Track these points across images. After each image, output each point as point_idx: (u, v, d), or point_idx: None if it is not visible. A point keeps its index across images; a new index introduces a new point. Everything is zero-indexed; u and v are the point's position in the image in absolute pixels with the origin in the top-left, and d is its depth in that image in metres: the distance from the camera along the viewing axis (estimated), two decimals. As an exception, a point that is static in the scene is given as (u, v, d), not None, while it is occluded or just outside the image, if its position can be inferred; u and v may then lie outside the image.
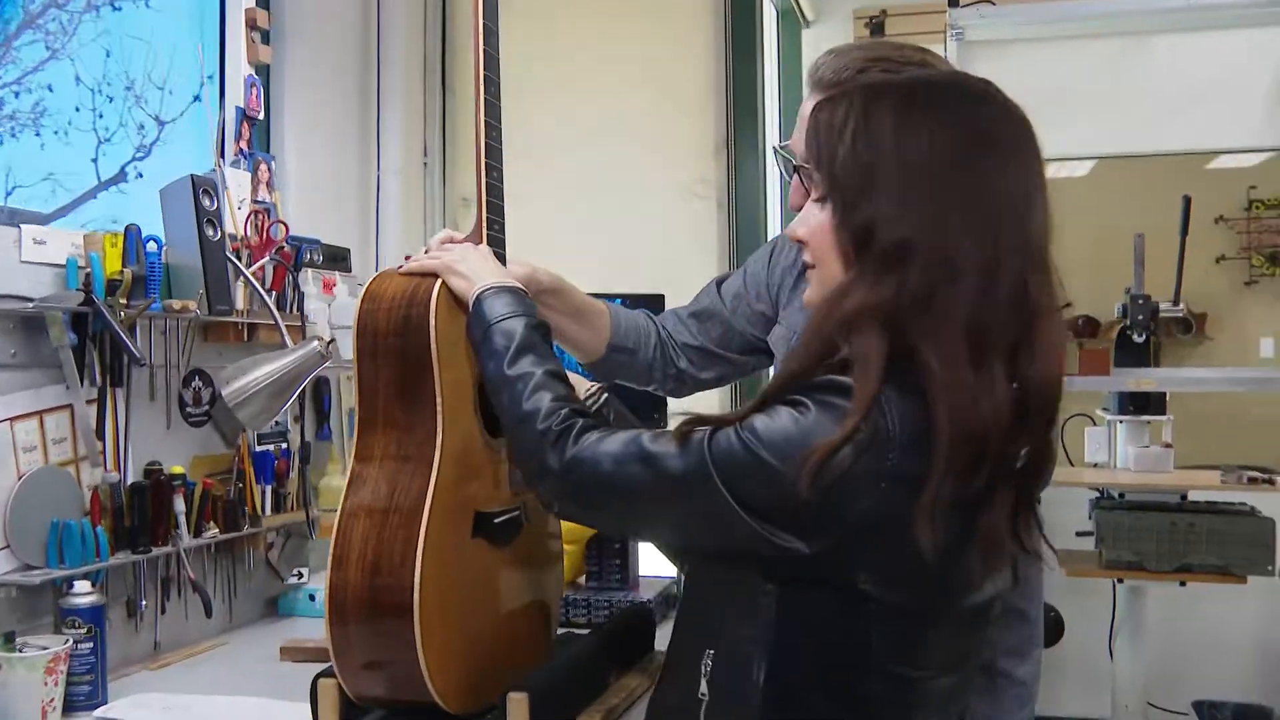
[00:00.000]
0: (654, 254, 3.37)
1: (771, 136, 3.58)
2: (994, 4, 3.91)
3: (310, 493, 2.17)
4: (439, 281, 1.34)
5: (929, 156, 1.01)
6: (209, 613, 1.86)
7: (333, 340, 1.96)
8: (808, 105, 1.44)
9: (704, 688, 1.07)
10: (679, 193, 3.47)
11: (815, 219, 1.07)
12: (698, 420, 1.05)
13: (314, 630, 1.99)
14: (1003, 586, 1.08)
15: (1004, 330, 0.98)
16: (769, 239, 3.78)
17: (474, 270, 1.34)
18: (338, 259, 2.40)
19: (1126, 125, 4.00)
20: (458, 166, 3.57)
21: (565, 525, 2.14)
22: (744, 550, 1.01)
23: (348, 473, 1.35)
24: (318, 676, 1.35)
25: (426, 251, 1.44)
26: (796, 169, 1.40)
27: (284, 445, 2.15)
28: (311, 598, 2.12)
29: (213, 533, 1.88)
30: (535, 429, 1.13)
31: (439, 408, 1.32)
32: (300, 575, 2.14)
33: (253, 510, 1.99)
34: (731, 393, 3.08)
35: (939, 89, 1.07)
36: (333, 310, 2.29)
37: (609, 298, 2.49)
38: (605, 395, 1.45)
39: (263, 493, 2.03)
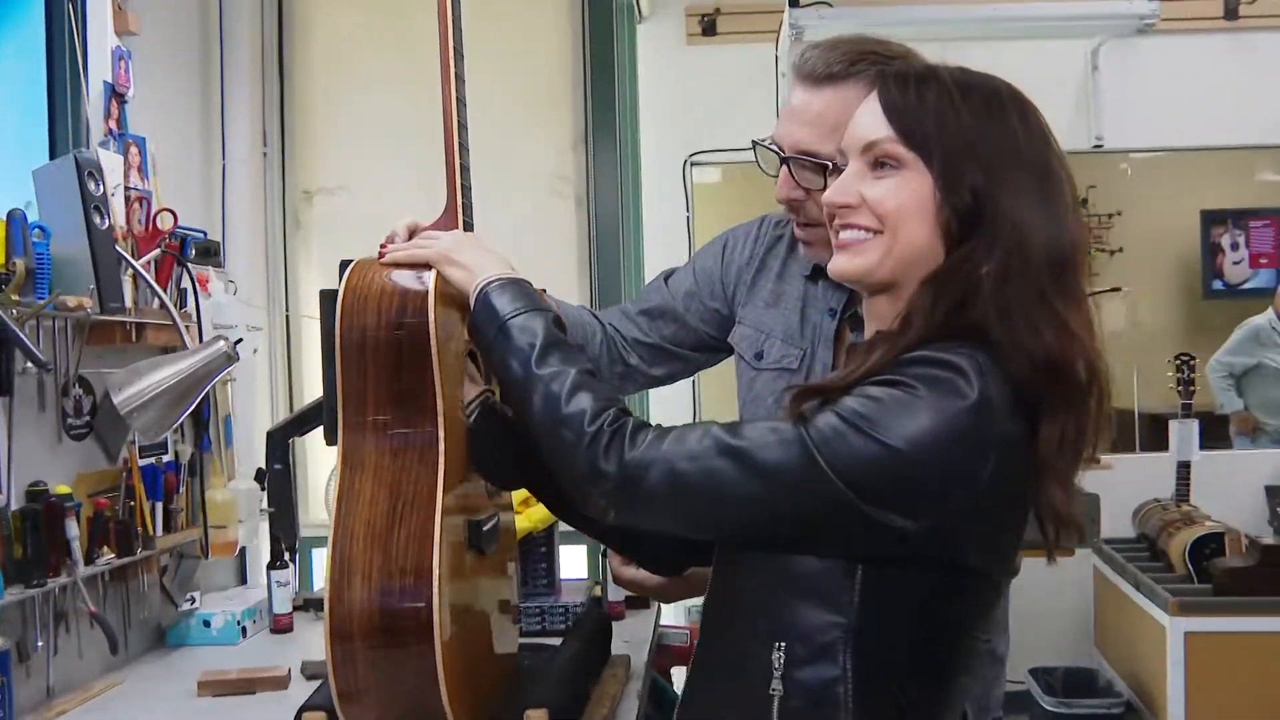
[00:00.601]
0: (512, 251, 3.25)
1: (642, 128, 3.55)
2: (831, 5, 4.03)
3: (198, 509, 1.98)
4: (434, 272, 1.24)
5: (1023, 144, 1.06)
6: (114, 649, 1.67)
7: (240, 340, 1.79)
8: (805, 96, 1.39)
9: (776, 684, 1.03)
10: (537, 189, 3.39)
11: (897, 190, 1.06)
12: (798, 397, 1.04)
13: (214, 659, 1.83)
14: None
15: (1067, 304, 1.03)
16: (628, 235, 3.80)
17: (474, 260, 1.24)
18: (210, 253, 2.19)
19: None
20: (297, 158, 3.38)
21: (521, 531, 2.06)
22: (839, 536, 1.00)
23: (335, 483, 1.22)
24: (302, 710, 1.22)
25: (392, 239, 1.33)
26: (786, 160, 1.40)
27: (166, 458, 1.95)
28: (206, 624, 1.94)
29: (107, 558, 1.69)
30: (583, 431, 1.06)
31: (440, 408, 1.22)
32: (193, 600, 1.94)
33: (145, 531, 1.79)
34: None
35: (1010, 89, 1.10)
36: (212, 309, 2.09)
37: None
38: (489, 399, 1.35)
39: (153, 510, 1.83)
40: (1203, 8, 4.29)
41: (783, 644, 1.03)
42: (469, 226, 1.38)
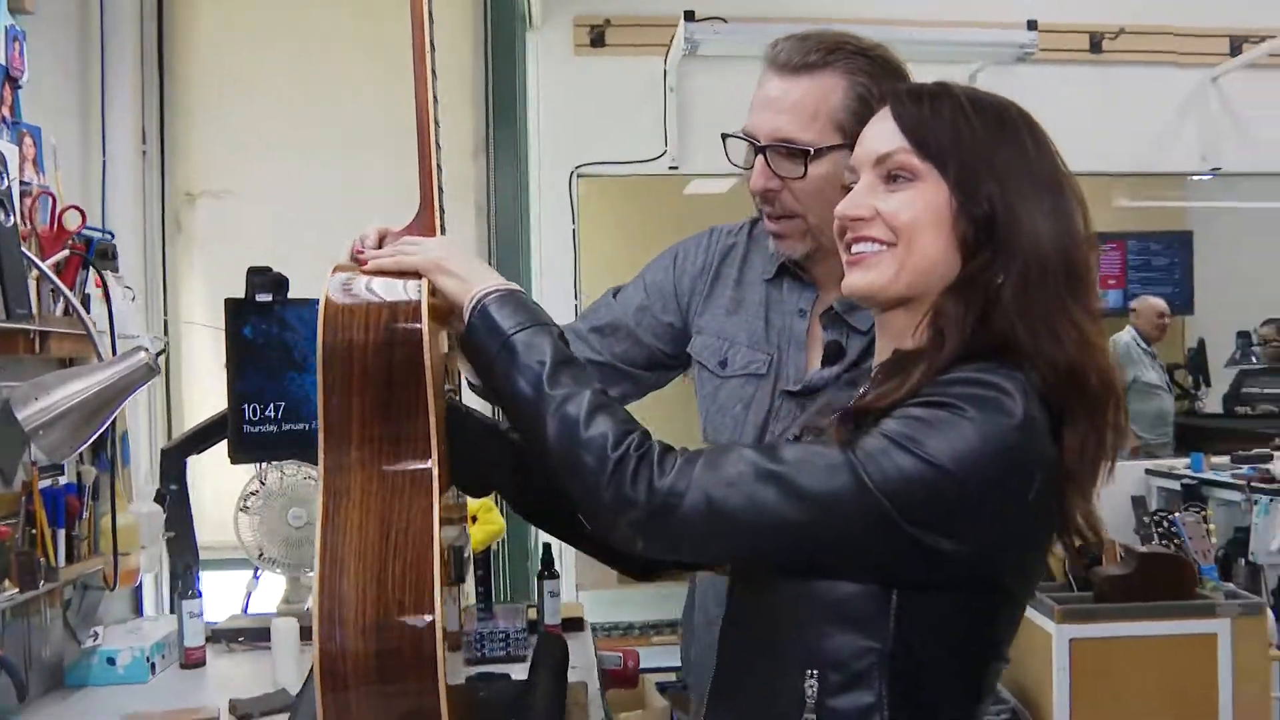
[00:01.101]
0: (408, 259, 3.17)
1: (531, 138, 3.47)
2: (726, 21, 4.03)
3: (99, 535, 1.81)
4: (424, 282, 1.15)
5: (1034, 159, 1.07)
6: (23, 695, 1.50)
7: (162, 352, 1.65)
8: (782, 85, 1.38)
9: (810, 714, 0.99)
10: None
11: (913, 202, 1.05)
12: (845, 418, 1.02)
13: (122, 700, 1.68)
14: None
15: (1084, 315, 1.04)
16: (529, 242, 3.72)
17: (466, 269, 1.16)
18: (107, 256, 2.03)
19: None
20: (179, 158, 3.19)
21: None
22: (880, 560, 0.98)
23: (319, 510, 1.12)
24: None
25: (364, 245, 1.24)
26: (763, 149, 1.37)
27: (63, 479, 1.78)
28: (111, 661, 1.77)
29: (10, 593, 1.52)
30: (606, 457, 1.00)
31: (432, 429, 1.13)
32: (96, 636, 1.78)
33: (48, 561, 1.63)
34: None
35: (1019, 108, 1.11)
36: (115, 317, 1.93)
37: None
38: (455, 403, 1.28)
39: (54, 538, 1.67)
40: (1072, 40, 4.48)
41: (815, 672, 1.00)
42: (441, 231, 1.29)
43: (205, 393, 2.96)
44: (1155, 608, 3.28)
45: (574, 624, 2.09)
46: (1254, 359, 4.66)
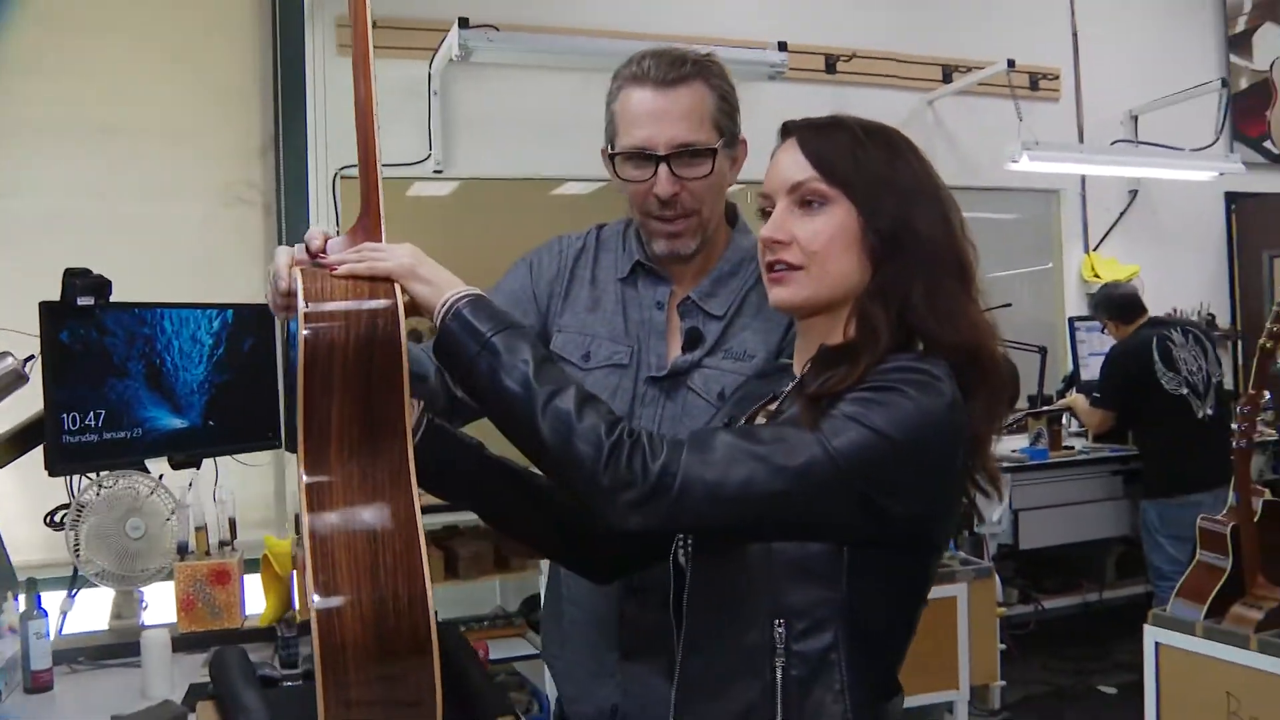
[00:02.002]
0: (191, 259, 3.07)
1: (319, 138, 3.41)
2: (499, 29, 4.11)
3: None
4: (398, 287, 1.20)
5: (920, 176, 1.24)
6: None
7: (31, 358, 1.57)
8: (666, 98, 1.50)
9: (780, 656, 1.15)
10: (220, 194, 3.19)
11: (825, 227, 1.21)
12: (810, 402, 1.15)
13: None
14: None
15: (974, 306, 1.23)
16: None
17: (436, 276, 1.22)
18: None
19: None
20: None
21: (285, 560, 1.95)
22: (846, 524, 1.13)
23: (301, 504, 1.15)
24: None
25: (312, 249, 1.26)
26: (665, 159, 1.50)
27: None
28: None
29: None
30: (602, 443, 1.11)
31: (409, 426, 1.19)
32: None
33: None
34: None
35: (900, 133, 1.28)
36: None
37: (172, 308, 2.28)
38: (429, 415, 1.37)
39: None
40: (811, 60, 4.87)
41: (782, 621, 1.16)
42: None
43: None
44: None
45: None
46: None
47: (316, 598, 1.10)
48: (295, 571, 1.99)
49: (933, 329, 1.18)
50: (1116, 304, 4.41)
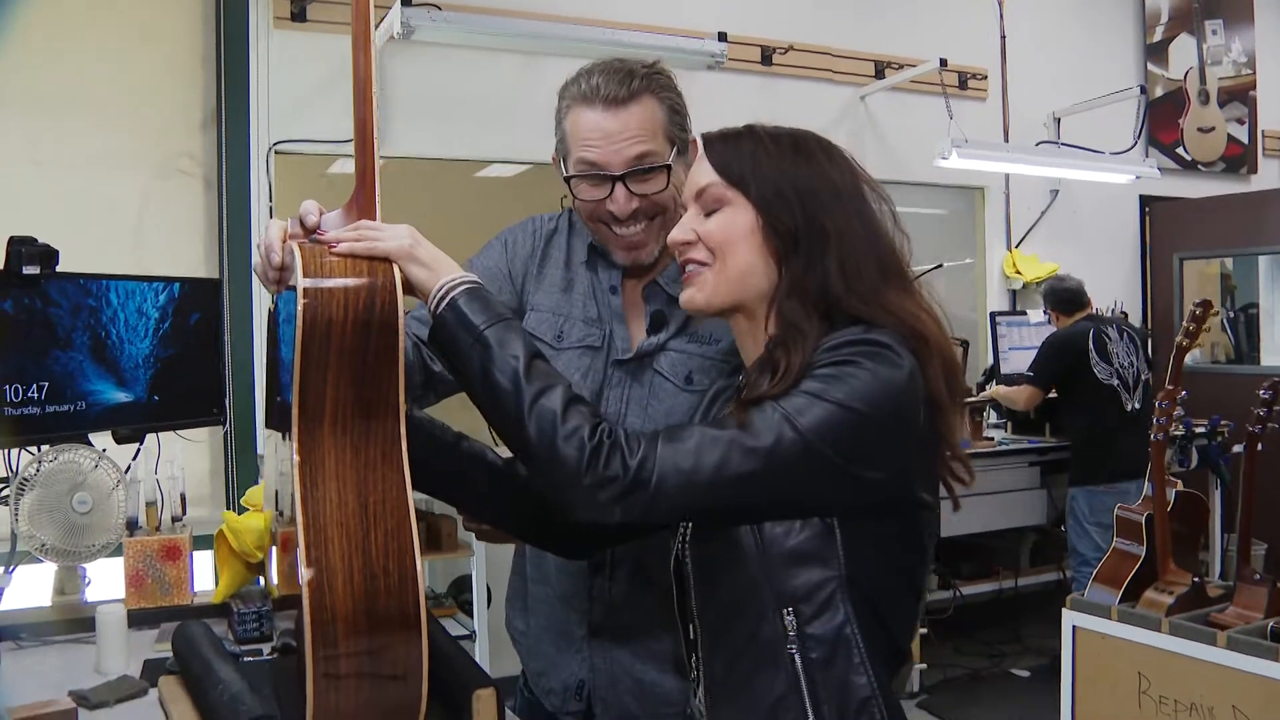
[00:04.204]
0: (129, 231, 3.01)
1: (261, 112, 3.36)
2: (440, 9, 4.09)
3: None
4: (396, 268, 1.21)
5: (831, 175, 1.27)
6: None
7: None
8: (619, 119, 1.52)
9: (794, 643, 1.19)
10: (160, 167, 3.13)
11: (725, 224, 1.27)
12: (740, 404, 1.19)
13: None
14: None
15: (902, 295, 1.26)
16: (260, 217, 3.57)
17: (433, 259, 1.24)
18: None
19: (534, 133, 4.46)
20: None
21: (250, 536, 1.95)
22: (825, 496, 1.17)
23: (294, 480, 1.16)
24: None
25: (306, 223, 1.26)
26: (621, 178, 1.52)
27: None
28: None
29: None
30: (585, 444, 1.13)
31: (401, 407, 1.20)
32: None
33: None
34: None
35: (815, 136, 1.32)
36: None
37: (119, 279, 2.25)
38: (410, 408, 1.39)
39: None
40: (747, 52, 4.93)
41: (790, 609, 1.19)
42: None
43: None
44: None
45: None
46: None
47: (308, 572, 1.12)
48: (274, 548, 1.98)
49: (865, 313, 1.21)
50: (1061, 296, 4.63)
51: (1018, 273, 5.54)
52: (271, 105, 4.01)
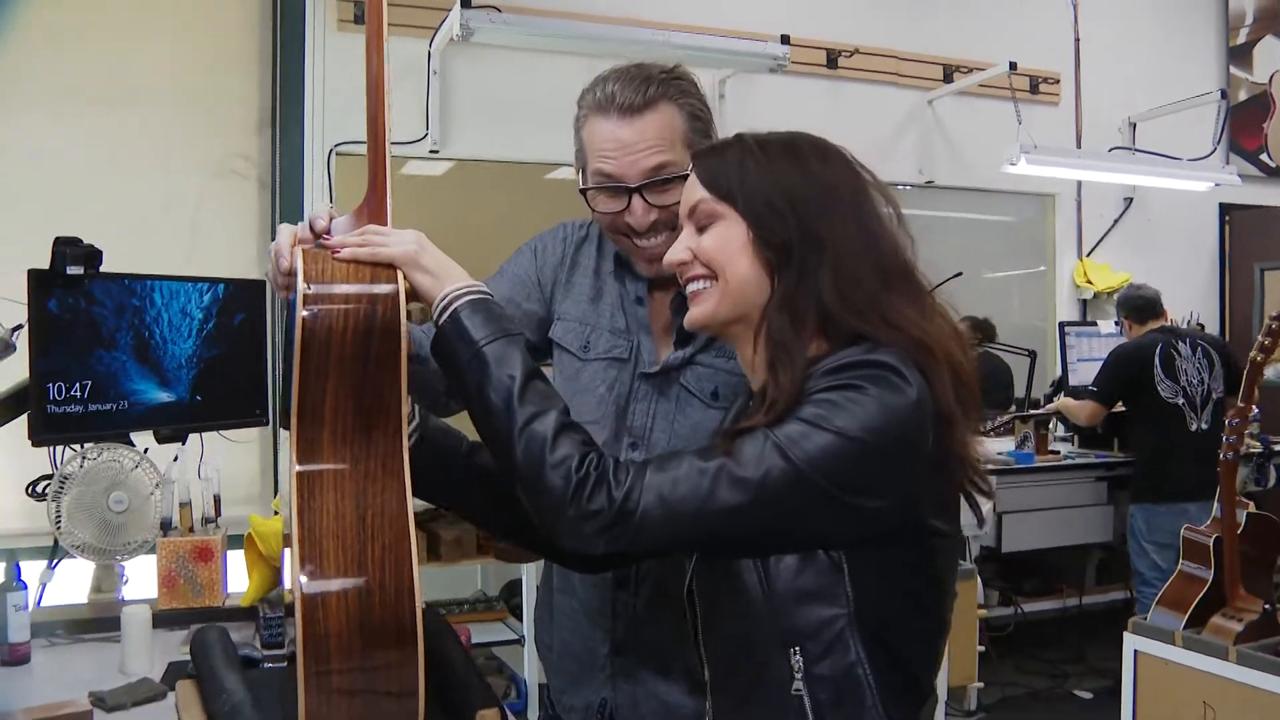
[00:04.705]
0: (183, 231, 3.04)
1: (317, 114, 3.38)
2: (500, 10, 4.08)
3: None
4: (400, 275, 1.18)
5: (827, 180, 1.20)
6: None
7: (19, 327, 1.55)
8: (634, 128, 1.47)
9: (799, 684, 1.12)
10: (215, 167, 3.15)
11: (718, 240, 1.21)
12: (729, 433, 1.13)
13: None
14: None
15: (909, 303, 1.19)
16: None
17: (439, 267, 1.20)
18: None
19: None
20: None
21: (275, 540, 1.94)
22: (821, 528, 1.11)
23: (291, 490, 1.13)
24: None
25: (315, 229, 1.24)
26: (639, 189, 1.46)
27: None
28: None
29: None
30: (571, 476, 1.09)
31: (404, 417, 1.17)
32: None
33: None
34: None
35: (809, 138, 1.25)
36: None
37: (163, 280, 2.25)
38: (427, 420, 1.35)
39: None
40: (812, 55, 4.85)
41: (797, 648, 1.13)
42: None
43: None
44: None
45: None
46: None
47: (302, 585, 1.09)
48: (288, 550, 1.97)
49: (863, 329, 1.15)
50: (1133, 303, 4.48)
51: (1089, 282, 5.38)
52: (333, 107, 4.04)
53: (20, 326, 1.59)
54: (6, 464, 2.29)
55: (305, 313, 1.13)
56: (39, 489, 2.15)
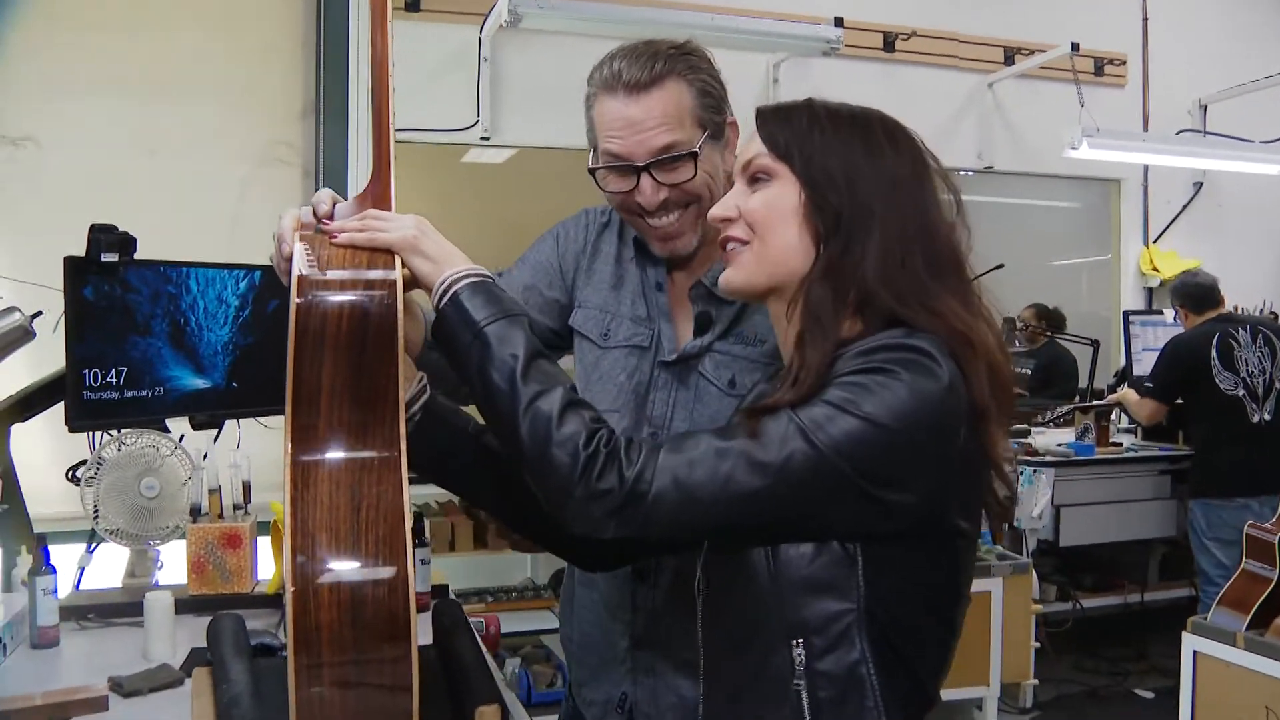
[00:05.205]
0: (225, 219, 3.06)
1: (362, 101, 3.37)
2: (550, -5, 4.05)
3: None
4: (398, 260, 1.16)
5: (889, 159, 1.15)
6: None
7: (39, 313, 1.55)
8: (640, 105, 1.43)
9: (800, 679, 1.08)
10: (258, 155, 3.17)
11: (768, 199, 1.16)
12: (751, 412, 1.07)
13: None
14: None
15: (954, 296, 1.13)
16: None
17: (439, 252, 1.17)
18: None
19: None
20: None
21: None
22: (841, 519, 1.05)
23: (286, 479, 1.11)
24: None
25: (318, 213, 1.22)
26: (646, 168, 1.43)
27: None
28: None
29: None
30: (579, 453, 1.05)
31: (401, 405, 1.14)
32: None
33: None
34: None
35: (880, 115, 1.21)
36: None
37: (199, 267, 2.26)
38: (433, 397, 1.32)
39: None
40: (868, 38, 4.76)
41: (800, 640, 1.08)
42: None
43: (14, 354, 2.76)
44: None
45: (440, 590, 2.11)
46: (1016, 343, 5.12)
47: (293, 578, 1.07)
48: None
49: (902, 313, 1.10)
50: (1190, 291, 4.33)
51: (1155, 270, 5.23)
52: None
53: (39, 313, 1.60)
54: (51, 449, 2.31)
55: (299, 299, 1.11)
56: (78, 474, 2.17)
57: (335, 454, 1.13)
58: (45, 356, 2.17)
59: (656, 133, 1.43)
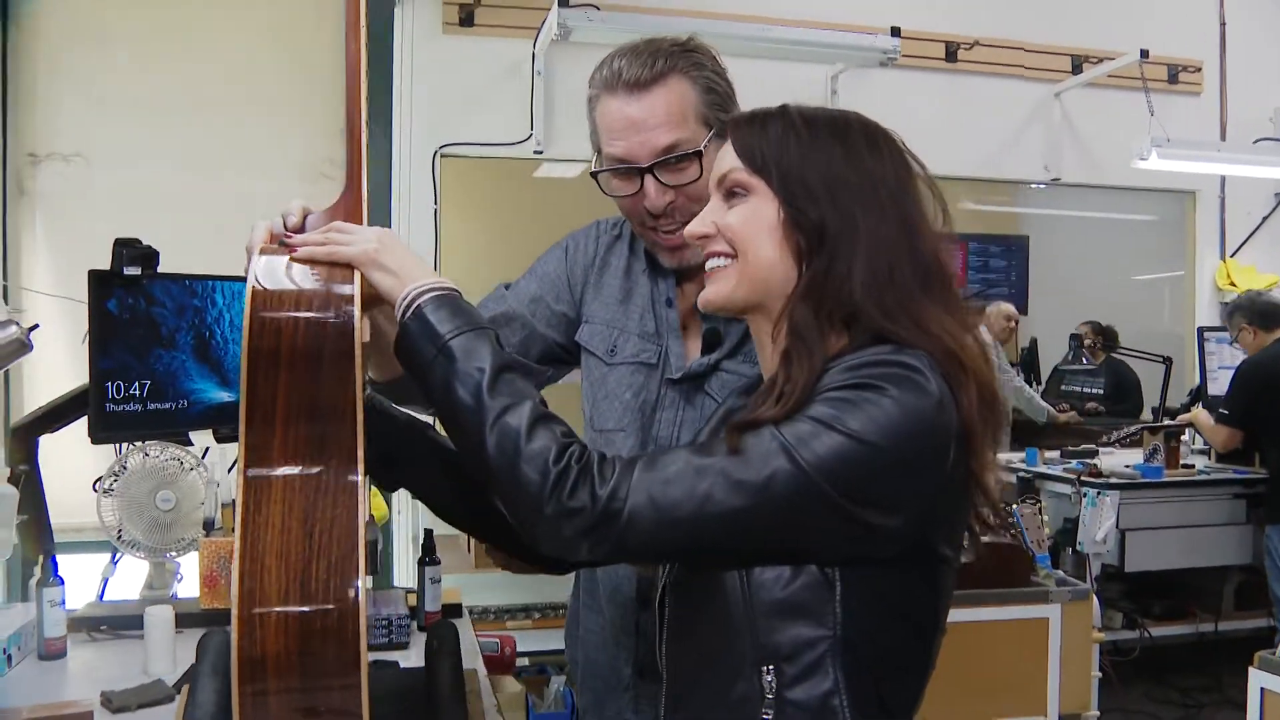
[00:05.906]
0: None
1: (405, 117, 3.39)
2: (599, 9, 4.04)
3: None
4: (357, 274, 1.12)
5: (871, 167, 1.10)
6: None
7: (36, 326, 1.56)
8: (642, 104, 1.40)
9: (768, 708, 1.03)
10: (303, 171, 3.19)
11: (745, 215, 1.11)
12: (731, 428, 1.02)
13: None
14: None
15: (942, 309, 1.08)
16: (390, 224, 3.62)
17: (401, 265, 1.14)
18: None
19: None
20: (21, 118, 3.00)
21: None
22: (821, 541, 1.00)
23: (237, 499, 1.08)
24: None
25: (287, 224, 1.20)
26: (650, 169, 1.40)
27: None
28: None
29: None
30: (548, 469, 1.00)
31: (359, 426, 1.11)
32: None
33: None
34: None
35: (860, 120, 1.15)
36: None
37: (224, 280, 2.25)
38: (374, 398, 1.27)
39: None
40: (929, 48, 4.65)
41: (771, 667, 1.03)
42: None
43: (49, 367, 2.81)
44: (996, 594, 3.46)
45: (452, 610, 2.08)
46: (1084, 359, 4.96)
47: (239, 604, 1.04)
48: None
49: (889, 329, 1.04)
50: (1260, 309, 4.16)
51: (1232, 284, 5.02)
52: (438, 107, 4.06)
53: (36, 326, 1.61)
54: (80, 460, 2.33)
55: (250, 314, 1.08)
56: (108, 487, 2.19)
57: (288, 474, 1.10)
58: (84, 368, 2.19)
59: (659, 132, 1.39)
